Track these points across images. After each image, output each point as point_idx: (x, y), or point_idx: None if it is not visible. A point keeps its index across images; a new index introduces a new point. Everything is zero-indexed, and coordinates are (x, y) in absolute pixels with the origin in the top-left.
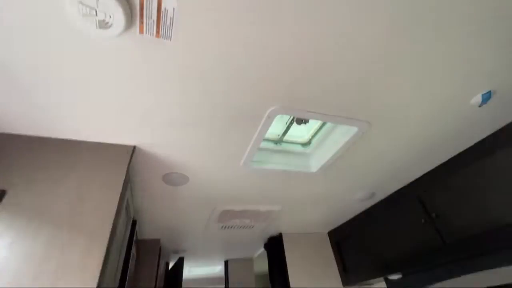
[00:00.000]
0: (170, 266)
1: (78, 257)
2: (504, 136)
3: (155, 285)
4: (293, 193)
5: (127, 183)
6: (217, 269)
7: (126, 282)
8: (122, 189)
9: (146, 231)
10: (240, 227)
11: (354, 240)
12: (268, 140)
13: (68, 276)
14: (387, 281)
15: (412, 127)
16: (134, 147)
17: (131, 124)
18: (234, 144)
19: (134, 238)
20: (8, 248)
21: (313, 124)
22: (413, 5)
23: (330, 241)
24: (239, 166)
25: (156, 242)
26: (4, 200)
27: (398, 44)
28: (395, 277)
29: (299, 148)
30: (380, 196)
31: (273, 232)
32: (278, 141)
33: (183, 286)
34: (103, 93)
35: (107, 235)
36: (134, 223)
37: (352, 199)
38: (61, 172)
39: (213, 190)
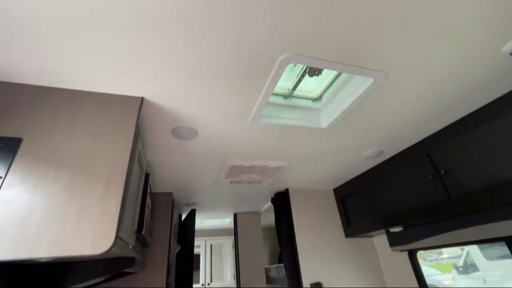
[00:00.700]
0: (183, 217)
1: (98, 200)
2: None
3: (170, 234)
4: (301, 150)
5: (138, 135)
6: (227, 221)
7: (143, 229)
8: (133, 140)
9: (159, 185)
10: (249, 182)
11: (359, 197)
12: (277, 94)
13: (91, 216)
14: (388, 233)
15: (432, 78)
16: (142, 98)
17: (138, 75)
18: (243, 97)
19: (148, 190)
20: (32, 192)
21: (326, 77)
22: None
23: (335, 198)
24: (248, 121)
25: (169, 195)
26: (21, 147)
27: None
28: (396, 229)
29: (309, 103)
30: (389, 154)
31: (280, 187)
32: (288, 95)
33: (195, 236)
34: (110, 42)
35: (123, 181)
36: (147, 176)
37: (360, 157)
38: (72, 122)
39: (222, 145)
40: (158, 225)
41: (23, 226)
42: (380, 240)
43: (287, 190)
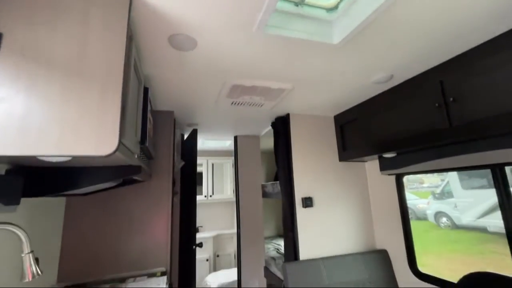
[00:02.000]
0: (185, 137)
1: (96, 104)
2: None
3: (173, 150)
4: (308, 70)
5: (131, 40)
6: (227, 143)
7: (147, 141)
8: (127, 42)
9: (160, 103)
10: (250, 105)
11: (358, 124)
12: (287, 0)
13: (91, 120)
14: (380, 158)
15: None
16: None
17: None
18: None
19: (149, 106)
20: (25, 92)
21: None
22: None
23: (335, 124)
24: (252, 32)
25: (170, 113)
26: (3, 43)
27: None
28: (389, 155)
29: (322, 14)
30: (399, 79)
31: (281, 112)
32: (300, 2)
33: (198, 155)
34: None
35: (119, 86)
36: (146, 90)
37: (368, 81)
38: (53, 12)
39: (223, 60)
40: (161, 141)
41: (24, 126)
42: (371, 165)
43: (288, 115)
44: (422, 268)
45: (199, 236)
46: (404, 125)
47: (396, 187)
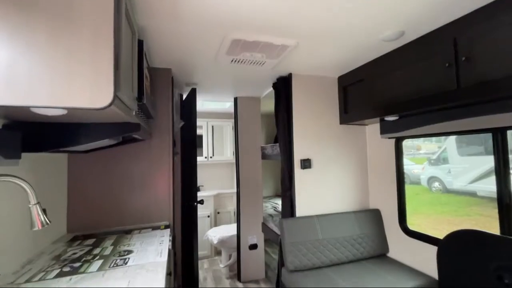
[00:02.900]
0: (184, 97)
1: (88, 55)
2: None
3: (172, 109)
4: (314, 23)
5: None
6: (227, 105)
7: (144, 97)
8: None
9: (157, 60)
10: (251, 63)
11: (362, 86)
12: None
13: (83, 71)
14: (382, 122)
15: None
16: None
17: None
18: None
19: (145, 63)
20: (8, 40)
21: None
22: None
23: (338, 86)
24: None
25: (168, 71)
26: None
27: None
28: (391, 118)
29: None
30: (409, 37)
31: (283, 72)
32: None
33: (197, 117)
34: None
35: (111, 34)
36: (140, 42)
37: (377, 38)
38: None
39: (222, 8)
40: (159, 100)
41: (11, 76)
42: (371, 128)
43: (290, 75)
44: (410, 227)
45: (200, 194)
46: (410, 86)
47: (395, 151)
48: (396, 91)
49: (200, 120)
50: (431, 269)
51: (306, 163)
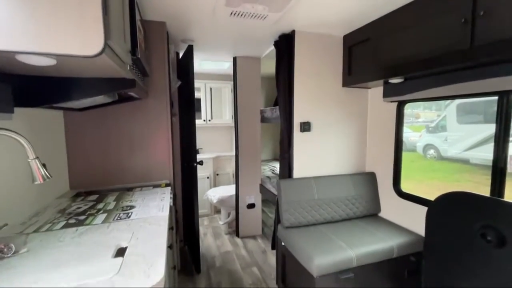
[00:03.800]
0: (181, 55)
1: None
2: None
3: (168, 67)
4: None
5: None
6: (226, 65)
7: (138, 51)
8: None
9: (150, 12)
10: (251, 16)
11: (369, 45)
12: None
13: (71, 17)
14: (386, 84)
15: None
16: None
17: None
18: None
19: (137, 15)
20: None
21: None
22: None
23: (343, 45)
24: None
25: (162, 24)
26: None
27: None
28: (396, 80)
29: None
30: None
31: (285, 29)
32: None
33: (195, 78)
34: None
35: None
36: None
37: None
38: None
39: None
40: (154, 56)
41: None
42: (374, 92)
43: (293, 32)
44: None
45: (200, 157)
46: (419, 46)
47: (396, 115)
48: (404, 51)
49: (198, 81)
50: (420, 228)
51: (305, 126)
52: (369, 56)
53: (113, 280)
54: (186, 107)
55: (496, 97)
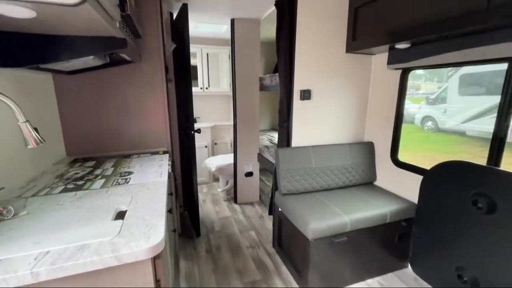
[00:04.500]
0: (175, 16)
1: None
2: None
3: (161, 28)
4: None
5: None
6: (224, 28)
7: (127, 7)
8: None
9: None
10: None
11: (376, 7)
12: None
13: None
14: (391, 50)
15: None
16: None
17: None
18: None
19: None
20: None
21: None
22: None
23: (349, 7)
24: None
25: None
26: None
27: None
28: (402, 45)
29: None
30: None
31: None
32: None
33: (191, 42)
34: None
35: None
36: None
37: None
38: None
39: None
40: (146, 16)
41: None
42: (378, 58)
43: None
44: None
45: (197, 126)
46: (431, 7)
47: (399, 83)
48: (413, 13)
49: (194, 46)
50: (413, 196)
51: (305, 94)
52: (375, 19)
53: (114, 242)
54: (182, 73)
55: (504, 66)
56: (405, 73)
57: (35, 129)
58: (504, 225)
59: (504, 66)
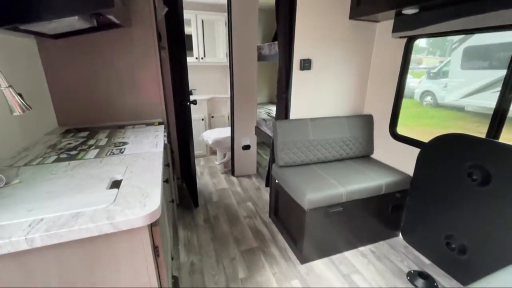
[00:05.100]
0: None
1: None
2: None
3: None
4: None
5: None
6: None
7: None
8: None
9: None
10: None
11: None
12: None
13: None
14: (397, 17)
15: None
16: None
17: None
18: None
19: None
20: None
21: None
22: None
23: None
24: None
25: None
26: None
27: None
28: (410, 11)
29: None
30: None
31: None
32: None
33: (184, 9)
34: None
35: None
36: None
37: None
38: None
39: None
40: None
41: None
42: (383, 26)
43: None
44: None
45: (193, 98)
46: None
47: (404, 52)
48: None
49: (188, 12)
50: (409, 169)
51: (305, 64)
52: None
53: (109, 209)
54: (175, 40)
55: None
56: (410, 42)
57: (20, 95)
58: (497, 196)
59: None
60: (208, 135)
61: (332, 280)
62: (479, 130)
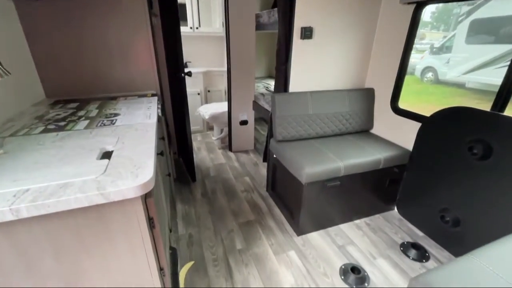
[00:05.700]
0: None
1: None
2: None
3: None
4: None
5: None
6: None
7: None
8: None
9: None
10: None
11: None
12: None
13: None
14: None
15: None
16: None
17: None
18: None
19: None
20: None
21: None
22: None
23: None
24: None
25: None
26: None
27: None
28: None
29: None
30: None
31: None
32: None
33: None
34: None
35: None
36: None
37: None
38: None
39: None
40: None
41: None
42: None
43: None
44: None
45: (188, 70)
46: None
47: (411, 21)
48: None
49: None
50: (409, 143)
51: (307, 32)
52: None
53: (99, 180)
54: (168, 8)
55: None
56: (418, 9)
57: None
58: (496, 169)
59: None
60: (204, 110)
61: (328, 251)
62: (480, 107)
